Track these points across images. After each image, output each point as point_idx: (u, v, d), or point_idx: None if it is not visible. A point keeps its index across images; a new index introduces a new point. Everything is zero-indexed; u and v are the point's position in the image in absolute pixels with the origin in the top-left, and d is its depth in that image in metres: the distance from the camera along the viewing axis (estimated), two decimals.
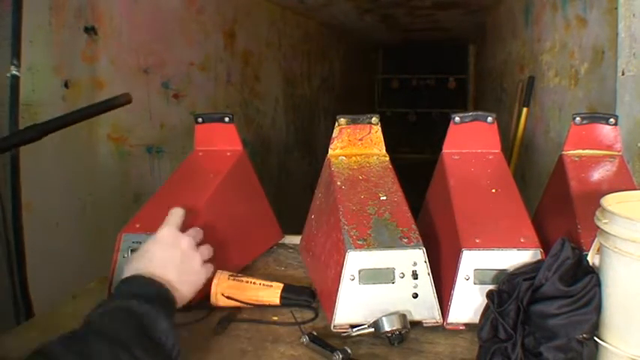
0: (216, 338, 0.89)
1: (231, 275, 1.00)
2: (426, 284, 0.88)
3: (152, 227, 1.01)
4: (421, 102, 7.97)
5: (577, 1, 2.20)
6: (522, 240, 0.89)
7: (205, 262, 0.87)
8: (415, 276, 0.87)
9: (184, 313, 0.97)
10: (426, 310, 0.88)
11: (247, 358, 0.83)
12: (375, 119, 1.14)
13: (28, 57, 1.43)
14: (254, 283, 0.99)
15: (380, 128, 1.14)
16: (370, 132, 1.14)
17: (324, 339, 0.84)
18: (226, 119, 1.22)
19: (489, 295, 0.81)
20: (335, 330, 0.87)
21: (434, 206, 1.14)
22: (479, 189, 1.04)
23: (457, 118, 1.14)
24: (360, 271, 0.87)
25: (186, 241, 0.84)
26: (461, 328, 0.89)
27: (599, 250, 0.75)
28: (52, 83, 1.73)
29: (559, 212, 1.04)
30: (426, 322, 0.88)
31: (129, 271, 0.77)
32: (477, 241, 0.89)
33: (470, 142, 1.13)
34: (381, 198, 0.99)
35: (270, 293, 0.98)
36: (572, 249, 0.77)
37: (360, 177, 1.06)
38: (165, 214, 1.04)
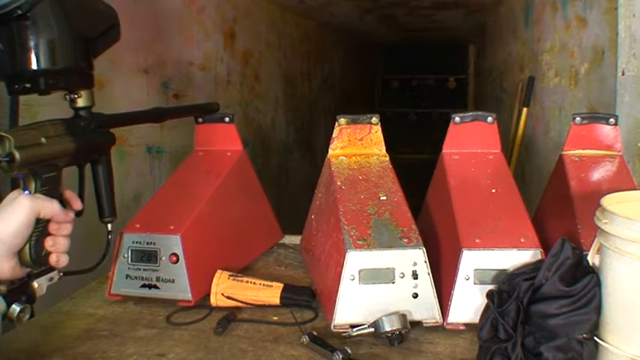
0: (216, 338, 0.89)
1: (231, 275, 1.00)
2: (426, 284, 0.88)
3: (152, 227, 1.02)
4: (421, 102, 7.96)
5: (577, 1, 2.20)
6: (522, 240, 0.89)
7: None
8: (415, 276, 0.88)
9: (184, 313, 0.97)
10: (426, 310, 0.88)
11: (247, 358, 0.83)
12: (375, 119, 1.14)
13: None
14: (254, 283, 0.99)
15: (380, 128, 1.14)
16: (370, 132, 1.14)
17: (324, 339, 0.84)
18: (226, 119, 1.22)
19: (489, 295, 0.81)
20: (335, 330, 0.87)
21: (434, 206, 1.14)
22: (479, 189, 1.04)
23: (457, 118, 1.14)
24: (360, 271, 0.87)
25: None
26: (461, 328, 0.89)
27: (599, 250, 0.75)
28: None
29: (559, 212, 1.04)
30: (426, 322, 0.88)
31: None
32: (477, 241, 0.89)
33: (470, 142, 1.13)
34: (381, 198, 0.99)
35: (270, 293, 0.98)
36: (572, 249, 0.77)
37: (360, 177, 1.06)
38: (165, 214, 1.04)
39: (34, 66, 0.73)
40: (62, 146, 0.76)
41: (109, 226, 0.90)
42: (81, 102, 0.82)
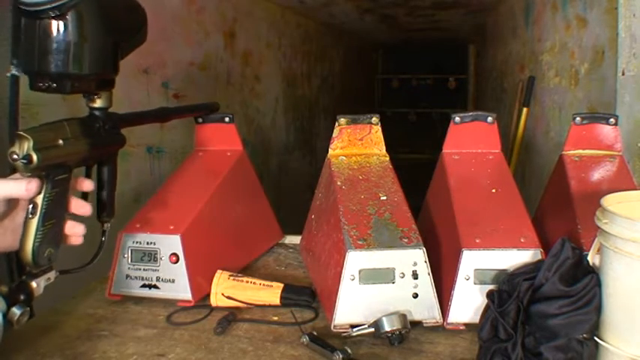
0: (216, 338, 0.89)
1: (231, 275, 1.00)
2: (426, 284, 0.88)
3: (152, 227, 1.02)
4: (421, 102, 7.96)
5: (577, 1, 2.20)
6: (522, 240, 0.89)
7: None
8: (415, 276, 0.87)
9: (184, 313, 0.97)
10: (426, 310, 0.88)
11: (247, 358, 0.83)
12: (375, 119, 1.14)
13: None
14: (254, 283, 0.99)
15: (380, 128, 1.14)
16: (370, 132, 1.14)
17: (324, 339, 0.84)
18: (226, 119, 1.22)
19: (489, 295, 0.81)
20: (335, 330, 0.87)
21: (434, 206, 1.14)
22: (479, 189, 1.04)
23: (457, 118, 1.14)
24: (360, 271, 0.87)
25: None
26: (461, 328, 0.89)
27: (600, 250, 0.75)
28: None
29: (559, 212, 1.04)
30: (426, 322, 0.88)
31: None
32: (477, 241, 0.89)
33: (470, 142, 1.13)
34: (381, 198, 0.99)
35: (270, 293, 0.98)
36: (573, 249, 0.77)
37: (360, 177, 1.06)
38: (165, 214, 1.04)
39: (63, 69, 0.73)
40: (77, 148, 0.76)
41: (106, 225, 0.90)
42: (99, 102, 0.82)
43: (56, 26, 0.71)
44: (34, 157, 0.69)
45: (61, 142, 0.73)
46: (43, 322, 0.95)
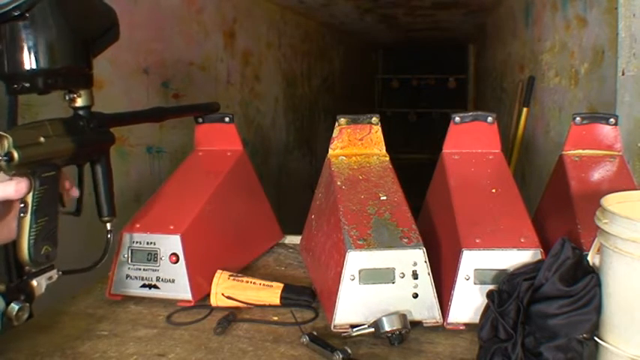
0: (216, 338, 0.89)
1: (231, 275, 1.00)
2: (426, 284, 0.88)
3: (152, 227, 1.02)
4: (421, 102, 7.97)
5: (577, 1, 2.20)
6: (522, 240, 0.89)
7: None
8: (415, 276, 0.87)
9: (184, 313, 0.97)
10: (426, 310, 0.88)
11: (247, 358, 0.83)
12: (375, 119, 1.14)
13: None
14: (254, 283, 0.99)
15: (380, 128, 1.14)
16: (370, 132, 1.14)
17: (324, 339, 0.84)
18: (226, 119, 1.22)
19: (489, 295, 0.81)
20: (335, 330, 0.87)
21: (434, 206, 1.14)
22: (479, 189, 1.04)
23: (457, 118, 1.14)
24: (360, 271, 0.87)
25: None
26: (461, 328, 0.89)
27: (600, 250, 0.75)
28: None
29: (559, 212, 1.04)
30: (426, 322, 0.88)
31: None
32: (477, 241, 0.89)
33: (470, 142, 1.13)
34: (381, 198, 0.99)
35: (270, 293, 0.98)
36: (573, 249, 0.77)
37: (360, 177, 1.06)
38: (165, 214, 1.04)
39: (32, 65, 0.73)
40: (61, 146, 0.77)
41: (109, 225, 0.90)
42: (80, 101, 0.82)
43: (20, 26, 0.72)
44: (15, 155, 0.69)
45: (42, 139, 0.74)
46: (43, 321, 0.95)
